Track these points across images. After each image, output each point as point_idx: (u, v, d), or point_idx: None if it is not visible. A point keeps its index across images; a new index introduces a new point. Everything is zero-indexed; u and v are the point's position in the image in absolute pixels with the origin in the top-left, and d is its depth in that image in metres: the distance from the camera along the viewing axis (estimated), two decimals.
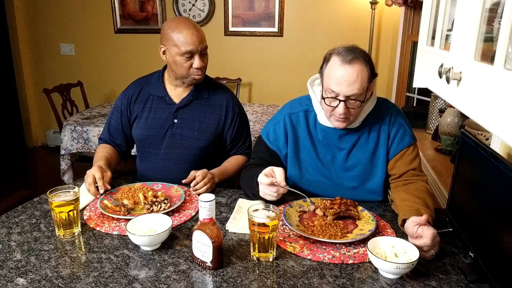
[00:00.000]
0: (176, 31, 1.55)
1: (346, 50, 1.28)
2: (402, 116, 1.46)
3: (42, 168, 4.25)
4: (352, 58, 1.26)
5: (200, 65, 1.59)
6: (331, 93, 1.30)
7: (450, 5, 1.01)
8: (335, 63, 1.29)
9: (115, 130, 1.75)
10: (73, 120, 3.20)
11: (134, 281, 1.00)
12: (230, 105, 1.73)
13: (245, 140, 1.81)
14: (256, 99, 4.30)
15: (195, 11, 4.08)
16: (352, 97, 1.28)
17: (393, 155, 1.43)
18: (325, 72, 1.33)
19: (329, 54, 1.33)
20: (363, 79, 1.27)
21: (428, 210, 1.22)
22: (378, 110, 1.44)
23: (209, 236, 1.02)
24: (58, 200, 1.19)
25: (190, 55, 1.57)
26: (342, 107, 1.29)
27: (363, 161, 1.44)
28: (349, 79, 1.26)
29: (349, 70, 1.26)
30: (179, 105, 1.68)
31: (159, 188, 1.51)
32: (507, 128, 0.64)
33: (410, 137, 1.43)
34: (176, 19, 1.61)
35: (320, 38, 3.97)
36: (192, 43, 1.55)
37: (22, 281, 1.00)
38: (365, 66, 1.28)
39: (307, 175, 1.47)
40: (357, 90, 1.27)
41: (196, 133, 1.69)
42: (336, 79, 1.28)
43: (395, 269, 1.00)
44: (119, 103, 1.75)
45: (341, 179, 1.46)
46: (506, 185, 0.91)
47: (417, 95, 3.44)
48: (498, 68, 0.68)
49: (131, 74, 4.20)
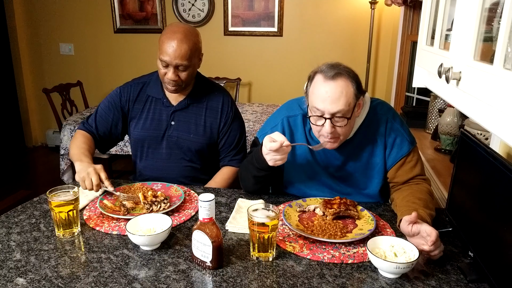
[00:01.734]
0: (163, 36, 1.55)
1: (328, 66, 1.26)
2: (398, 121, 1.41)
3: (42, 168, 4.25)
4: (334, 73, 1.23)
5: (171, 78, 1.55)
6: (316, 111, 1.27)
7: (450, 4, 1.01)
8: (318, 80, 1.26)
9: (102, 120, 1.71)
10: (73, 120, 3.20)
11: (134, 281, 1.00)
12: (225, 109, 1.72)
13: (236, 146, 1.76)
14: (255, 99, 4.30)
15: (194, 11, 4.08)
16: (337, 115, 1.24)
17: (392, 164, 1.39)
18: (310, 90, 1.30)
19: (313, 73, 1.30)
20: (348, 95, 1.23)
21: (427, 210, 1.22)
22: (372, 117, 1.39)
23: (208, 236, 1.02)
24: (58, 200, 1.19)
25: (165, 64, 1.55)
26: (328, 126, 1.25)
27: (358, 171, 1.42)
28: (333, 95, 1.22)
29: (332, 85, 1.23)
30: (176, 107, 1.68)
31: (159, 188, 1.51)
32: (507, 127, 0.65)
33: (409, 143, 1.39)
34: (173, 26, 1.59)
35: (319, 38, 3.97)
36: (167, 55, 1.52)
37: (21, 281, 1.00)
38: (349, 82, 1.24)
39: (304, 177, 1.47)
40: (342, 106, 1.23)
41: (192, 136, 1.68)
42: (320, 96, 1.24)
43: (395, 268, 1.00)
44: (116, 98, 1.71)
45: (337, 184, 1.45)
46: (505, 184, 0.91)
47: (417, 94, 3.44)
48: (497, 67, 0.68)
49: (130, 73, 4.18)
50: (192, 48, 1.55)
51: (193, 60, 1.58)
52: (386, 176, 1.43)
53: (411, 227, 1.11)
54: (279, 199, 1.48)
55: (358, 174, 1.42)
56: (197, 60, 1.62)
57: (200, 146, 1.70)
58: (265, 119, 3.17)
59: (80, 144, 1.61)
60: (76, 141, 1.63)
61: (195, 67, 1.63)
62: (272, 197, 1.49)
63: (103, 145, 1.76)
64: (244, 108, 3.59)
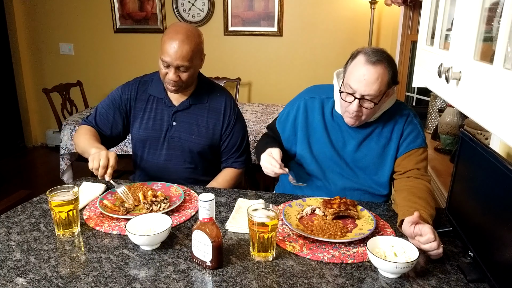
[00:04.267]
0: (165, 36, 1.54)
1: (373, 51, 1.32)
2: (418, 120, 1.49)
3: (42, 168, 4.25)
4: (376, 59, 1.30)
5: (172, 78, 1.55)
6: (349, 89, 1.34)
7: (450, 4, 1.01)
8: (359, 61, 1.32)
9: (102, 119, 1.71)
10: (73, 119, 3.19)
11: (134, 280, 1.00)
12: (228, 110, 1.71)
13: (239, 148, 1.75)
14: (255, 99, 4.30)
15: (194, 10, 4.08)
16: (367, 97, 1.32)
17: (402, 153, 1.45)
18: (349, 68, 1.37)
19: (357, 52, 1.37)
20: (382, 82, 1.31)
21: (428, 210, 1.22)
22: (396, 109, 1.47)
23: (208, 235, 1.02)
24: (58, 199, 1.19)
25: (166, 65, 1.54)
26: (355, 105, 1.33)
27: (371, 154, 1.46)
28: (369, 79, 1.30)
29: (371, 70, 1.30)
30: (178, 108, 1.67)
31: (159, 188, 1.51)
32: (507, 127, 0.64)
33: (422, 140, 1.46)
34: (176, 26, 1.58)
35: (319, 38, 3.97)
36: (168, 55, 1.51)
37: (21, 281, 1.00)
38: (387, 70, 1.31)
39: (318, 156, 1.51)
40: (373, 92, 1.30)
41: (194, 137, 1.68)
42: (356, 77, 1.32)
43: (395, 268, 1.00)
44: (117, 97, 1.71)
45: (350, 168, 1.49)
46: (505, 184, 0.91)
47: (417, 94, 3.44)
48: (497, 67, 0.68)
49: (130, 73, 4.17)
50: (194, 49, 1.54)
51: (194, 61, 1.57)
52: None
53: (413, 228, 1.10)
54: (279, 199, 1.48)
55: (371, 158, 1.47)
56: (199, 61, 1.61)
57: (201, 148, 1.69)
58: (265, 119, 3.18)
59: (90, 135, 1.61)
60: (84, 134, 1.62)
61: (197, 68, 1.62)
62: (272, 197, 1.49)
63: (103, 144, 1.75)
64: (244, 108, 3.59)
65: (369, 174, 1.48)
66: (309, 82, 2.05)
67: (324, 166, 1.51)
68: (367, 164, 1.47)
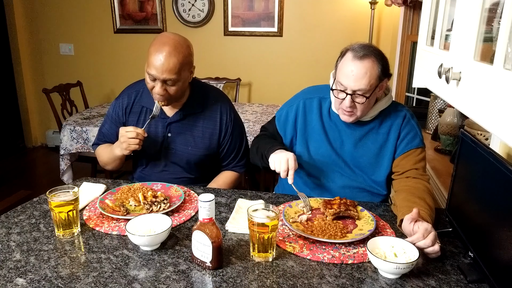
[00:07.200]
0: (151, 48, 1.46)
1: (360, 46, 1.34)
2: (415, 120, 1.50)
3: (42, 168, 4.25)
4: (363, 54, 1.31)
5: (158, 92, 1.48)
6: (340, 86, 1.36)
7: (450, 5, 1.01)
8: (347, 58, 1.35)
9: (109, 135, 1.71)
10: (73, 120, 3.19)
11: (134, 281, 1.00)
12: (224, 117, 1.67)
13: (238, 153, 1.73)
14: (255, 99, 4.30)
15: (194, 11, 4.08)
16: (358, 92, 1.33)
17: (400, 153, 1.45)
18: (339, 65, 1.39)
19: (345, 49, 1.38)
20: (372, 76, 1.32)
21: (428, 210, 1.22)
22: (393, 109, 1.48)
23: (208, 236, 1.02)
24: (58, 200, 1.19)
25: (153, 78, 1.47)
26: (348, 101, 1.35)
27: (368, 154, 1.47)
28: (357, 74, 1.31)
29: (359, 65, 1.31)
30: (172, 119, 1.63)
31: (159, 188, 1.51)
32: (507, 128, 0.64)
33: (420, 141, 1.46)
34: (163, 36, 1.49)
35: (319, 38, 3.97)
36: (154, 68, 1.44)
37: (21, 281, 0.99)
38: (376, 63, 1.33)
39: (316, 155, 1.51)
40: (364, 86, 1.32)
41: (190, 148, 1.64)
42: (345, 73, 1.34)
43: (395, 269, 1.00)
44: (113, 113, 1.69)
45: (348, 167, 1.50)
46: (505, 185, 0.91)
47: (417, 95, 3.44)
48: (497, 68, 0.68)
49: (130, 74, 4.21)
50: (182, 62, 1.46)
51: (182, 74, 1.49)
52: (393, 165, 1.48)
53: (413, 225, 1.11)
54: (279, 199, 1.48)
55: (368, 158, 1.47)
56: (187, 74, 1.53)
57: (198, 159, 1.66)
58: (265, 119, 3.18)
59: (108, 148, 1.66)
60: (102, 149, 1.69)
61: (186, 81, 1.54)
62: (272, 198, 1.49)
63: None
64: (244, 108, 3.59)
65: (367, 173, 1.49)
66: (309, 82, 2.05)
67: (322, 165, 1.51)
68: (364, 163, 1.48)
